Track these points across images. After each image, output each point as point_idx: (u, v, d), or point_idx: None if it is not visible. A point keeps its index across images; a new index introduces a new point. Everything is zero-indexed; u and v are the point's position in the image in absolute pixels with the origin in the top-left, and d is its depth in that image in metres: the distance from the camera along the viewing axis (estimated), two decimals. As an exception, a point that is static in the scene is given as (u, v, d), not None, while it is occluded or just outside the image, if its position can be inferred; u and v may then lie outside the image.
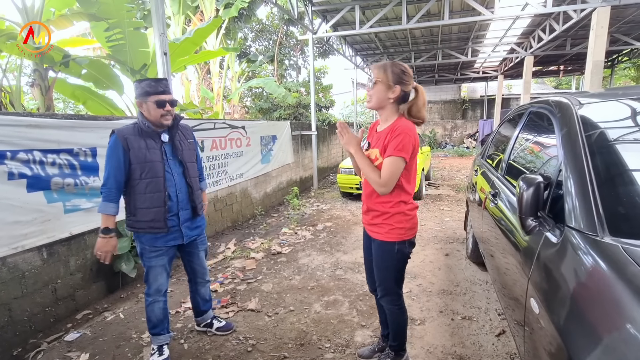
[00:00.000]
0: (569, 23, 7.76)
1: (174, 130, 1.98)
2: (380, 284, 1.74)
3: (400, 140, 1.49)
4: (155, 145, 1.90)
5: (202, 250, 2.20)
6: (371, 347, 2.06)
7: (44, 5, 4.12)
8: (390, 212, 1.61)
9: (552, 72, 17.23)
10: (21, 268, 2.28)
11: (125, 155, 1.82)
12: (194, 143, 2.13)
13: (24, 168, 2.24)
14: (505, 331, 2.22)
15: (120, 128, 1.87)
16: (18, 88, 4.41)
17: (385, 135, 1.57)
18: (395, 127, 1.54)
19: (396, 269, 1.69)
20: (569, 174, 1.23)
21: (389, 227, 1.62)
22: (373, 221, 1.67)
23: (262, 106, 10.08)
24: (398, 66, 1.57)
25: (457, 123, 19.51)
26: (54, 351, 2.18)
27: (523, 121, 2.21)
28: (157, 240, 1.93)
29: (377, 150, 1.60)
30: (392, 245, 1.63)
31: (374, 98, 1.60)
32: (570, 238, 1.08)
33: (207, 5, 8.50)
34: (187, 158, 2.02)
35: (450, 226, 4.66)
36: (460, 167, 11.14)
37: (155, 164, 1.87)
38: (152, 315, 2.01)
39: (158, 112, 1.86)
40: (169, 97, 1.89)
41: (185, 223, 2.01)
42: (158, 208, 1.88)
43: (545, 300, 1.08)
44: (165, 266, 2.01)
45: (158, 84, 1.87)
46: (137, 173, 1.84)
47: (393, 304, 1.75)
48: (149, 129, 1.88)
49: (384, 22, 8.71)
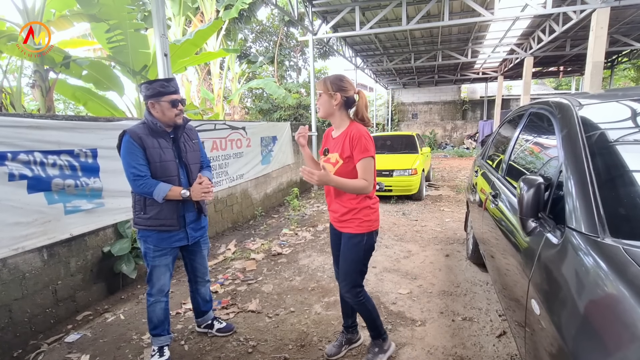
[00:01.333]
0: (569, 24, 7.77)
1: (180, 132, 1.98)
2: (346, 277, 1.84)
3: (363, 144, 1.69)
4: (167, 144, 1.92)
5: (204, 249, 2.20)
6: (336, 342, 2.09)
7: (44, 7, 4.13)
8: (358, 207, 1.77)
9: (552, 73, 17.25)
10: (22, 269, 2.28)
11: (144, 154, 1.82)
12: (198, 143, 2.13)
13: (25, 169, 2.24)
14: (506, 332, 2.22)
15: (132, 128, 1.86)
16: (19, 89, 4.42)
17: (343, 140, 1.75)
18: (351, 133, 1.73)
19: (362, 261, 1.83)
20: (570, 174, 1.23)
21: (358, 221, 1.78)
22: (343, 218, 1.81)
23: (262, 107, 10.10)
24: (337, 77, 1.79)
25: (457, 124, 19.53)
26: (55, 352, 2.18)
27: (523, 122, 2.21)
28: (162, 240, 1.94)
29: (337, 154, 1.76)
30: (362, 237, 1.79)
31: (321, 108, 1.79)
32: (571, 239, 1.08)
33: (208, 6, 8.52)
34: (191, 160, 2.02)
35: (451, 227, 4.66)
36: (460, 168, 11.15)
37: (170, 163, 1.90)
38: (153, 316, 2.01)
39: (172, 112, 1.88)
40: (180, 97, 1.91)
41: (191, 224, 2.03)
42: (172, 206, 1.89)
43: (546, 301, 1.08)
44: (168, 266, 2.01)
45: (170, 84, 1.89)
46: (152, 173, 1.85)
47: (357, 296, 1.84)
48: (160, 128, 1.88)
49: (384, 23, 8.73)
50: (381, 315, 2.49)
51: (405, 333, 2.27)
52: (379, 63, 13.51)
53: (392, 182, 6.02)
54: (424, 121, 20.10)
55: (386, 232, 4.49)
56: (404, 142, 7.44)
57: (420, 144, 7.41)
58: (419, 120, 20.24)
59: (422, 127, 19.94)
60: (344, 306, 2.06)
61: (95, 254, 2.81)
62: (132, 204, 1.94)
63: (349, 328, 2.10)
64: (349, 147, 1.71)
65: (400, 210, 5.71)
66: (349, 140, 1.72)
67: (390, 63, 13.19)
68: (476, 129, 18.63)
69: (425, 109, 20.17)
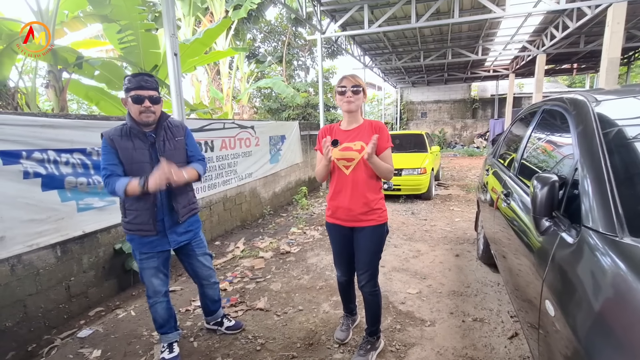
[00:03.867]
0: (583, 20, 7.58)
1: (159, 130, 1.88)
2: (368, 269, 1.90)
3: (386, 134, 1.85)
4: (143, 145, 1.83)
5: (200, 254, 2.12)
6: (343, 327, 2.22)
7: (58, 8, 4.21)
8: (377, 198, 1.87)
9: (565, 70, 16.88)
10: (36, 265, 2.33)
11: (116, 155, 1.77)
12: (185, 140, 2.00)
13: (39, 167, 2.29)
14: (518, 334, 2.18)
15: (107, 130, 1.82)
16: (33, 89, 4.51)
17: (367, 130, 1.85)
18: (374, 124, 1.88)
19: (382, 249, 1.94)
20: (586, 172, 1.19)
21: (380, 212, 1.87)
22: (365, 209, 1.84)
23: (270, 106, 10.13)
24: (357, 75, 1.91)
25: (467, 122, 19.27)
26: (67, 347, 2.22)
27: (536, 119, 2.16)
28: (144, 245, 1.89)
29: (362, 142, 1.83)
30: (383, 227, 1.89)
31: (356, 103, 1.85)
32: (587, 238, 1.05)
33: (217, 6, 8.58)
34: (172, 159, 1.82)
35: (461, 227, 4.60)
36: (470, 167, 11.00)
37: (143, 165, 1.81)
38: (156, 316, 2.00)
39: (136, 109, 1.78)
40: (148, 93, 1.79)
41: (173, 228, 1.94)
42: (146, 210, 1.83)
43: (561, 303, 1.05)
44: (158, 268, 1.96)
45: (136, 78, 1.78)
46: (127, 174, 1.79)
47: (374, 287, 1.94)
48: (134, 129, 1.81)
49: (392, 21, 8.65)
50: (390, 314, 2.47)
51: (415, 333, 2.25)
52: (387, 62, 13.41)
53: (400, 181, 5.97)
54: (433, 120, 19.90)
55: (395, 231, 4.45)
56: (413, 141, 7.37)
57: (430, 143, 7.34)
58: (428, 119, 20.04)
59: (432, 126, 19.74)
60: (346, 294, 2.19)
61: (107, 251, 2.85)
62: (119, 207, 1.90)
63: (352, 311, 2.28)
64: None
65: (409, 209, 5.66)
66: (375, 129, 1.84)
67: (399, 61, 13.08)
68: (487, 127, 18.36)
69: (434, 108, 19.96)
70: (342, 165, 1.84)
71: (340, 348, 2.12)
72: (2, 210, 2.10)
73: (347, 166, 1.83)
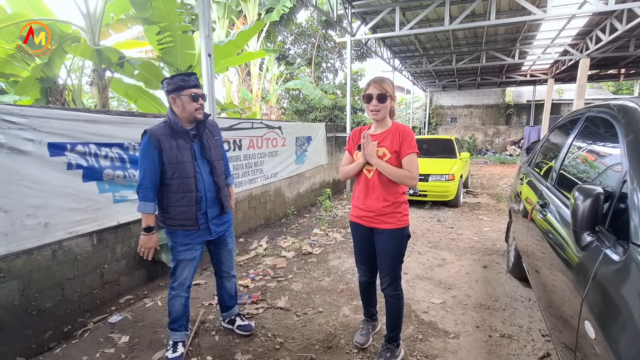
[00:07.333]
0: (634, 22, 7.07)
1: (203, 127, 1.99)
2: (389, 272, 1.90)
3: (411, 139, 1.81)
4: (185, 145, 1.92)
5: (230, 243, 2.22)
6: (363, 331, 2.20)
7: (104, 11, 4.48)
8: (399, 201, 1.85)
9: (610, 75, 15.80)
10: (74, 251, 2.47)
11: (159, 156, 1.85)
12: (220, 140, 2.14)
13: (81, 160, 2.44)
14: (550, 354, 2.05)
15: (152, 128, 1.89)
16: (79, 87, 4.83)
17: (392, 135, 1.84)
18: (401, 129, 1.85)
19: (403, 253, 1.92)
20: (636, 185, 1.10)
21: (400, 215, 1.85)
22: (383, 211, 1.84)
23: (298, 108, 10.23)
24: (387, 79, 1.86)
25: (500, 129, 18.52)
26: (99, 331, 2.34)
27: (578, 127, 2.03)
28: (187, 237, 1.98)
29: (385, 149, 1.84)
30: (403, 231, 1.88)
31: (382, 112, 1.83)
32: (636, 257, 0.97)
33: (250, 9, 8.79)
34: (215, 157, 2.03)
35: (490, 237, 4.41)
36: (501, 175, 10.55)
37: (187, 164, 1.90)
38: (172, 310, 2.05)
39: (192, 106, 1.89)
40: (200, 91, 1.92)
41: (213, 220, 2.06)
42: (190, 207, 1.92)
43: (604, 325, 0.98)
44: (194, 260, 2.05)
45: (190, 78, 1.88)
46: (170, 173, 1.88)
47: (396, 290, 1.92)
48: (180, 127, 1.90)
49: (424, 24, 8.48)
50: (412, 324, 2.41)
51: (437, 345, 2.17)
52: (417, 65, 13.16)
53: (427, 187, 5.82)
54: (463, 125, 19.27)
55: (419, 238, 4.34)
56: (441, 146, 7.17)
57: (459, 149, 7.10)
58: (458, 124, 19.44)
59: (462, 131, 19.13)
60: (367, 296, 2.18)
61: (138, 242, 2.96)
62: (157, 203, 1.96)
63: (372, 316, 2.26)
64: (398, 141, 1.81)
65: (434, 216, 5.51)
66: (399, 135, 1.82)
67: (430, 65, 12.80)
68: (521, 134, 17.54)
69: (465, 113, 19.34)
70: (365, 168, 1.89)
71: (360, 354, 2.09)
72: (47, 198, 2.25)
73: (370, 169, 1.88)
